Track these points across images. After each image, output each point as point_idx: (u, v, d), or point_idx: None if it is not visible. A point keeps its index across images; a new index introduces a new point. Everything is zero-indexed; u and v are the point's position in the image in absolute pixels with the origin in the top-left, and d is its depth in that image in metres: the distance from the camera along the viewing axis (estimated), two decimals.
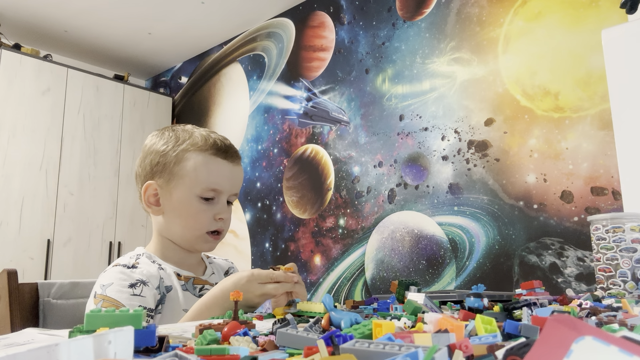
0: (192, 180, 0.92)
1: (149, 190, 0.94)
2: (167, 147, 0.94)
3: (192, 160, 0.92)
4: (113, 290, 0.84)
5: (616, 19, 1.85)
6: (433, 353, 0.27)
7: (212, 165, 0.93)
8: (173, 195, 0.93)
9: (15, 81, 3.11)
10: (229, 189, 0.95)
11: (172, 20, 3.35)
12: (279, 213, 3.01)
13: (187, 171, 0.92)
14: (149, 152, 0.96)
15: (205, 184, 0.92)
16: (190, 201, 0.92)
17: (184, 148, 0.93)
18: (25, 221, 3.03)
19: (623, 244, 0.95)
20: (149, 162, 0.95)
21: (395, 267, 2.41)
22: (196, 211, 0.92)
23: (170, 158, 0.93)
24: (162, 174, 0.93)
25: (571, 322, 0.23)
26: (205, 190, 0.92)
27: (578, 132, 1.92)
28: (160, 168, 0.94)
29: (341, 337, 0.37)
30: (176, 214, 0.93)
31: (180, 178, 0.92)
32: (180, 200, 0.92)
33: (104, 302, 0.83)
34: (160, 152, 0.94)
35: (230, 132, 3.45)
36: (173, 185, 0.93)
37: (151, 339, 0.39)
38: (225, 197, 0.96)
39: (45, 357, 0.28)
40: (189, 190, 0.92)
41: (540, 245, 1.95)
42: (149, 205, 0.95)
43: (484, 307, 0.59)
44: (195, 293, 0.95)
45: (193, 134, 0.96)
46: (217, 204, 0.94)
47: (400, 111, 2.51)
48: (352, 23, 2.83)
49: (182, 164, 0.92)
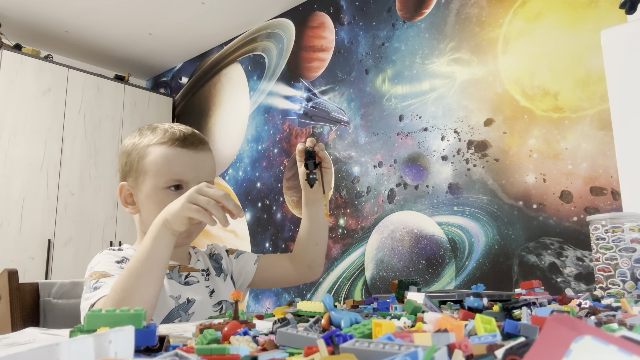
0: (154, 173, 0.93)
1: (123, 191, 0.97)
2: (131, 147, 0.97)
3: (152, 154, 0.94)
4: (100, 266, 0.87)
5: (615, 19, 1.85)
6: (433, 352, 0.27)
7: (171, 156, 0.93)
8: (142, 191, 0.94)
9: (16, 81, 3.11)
10: (194, 176, 0.94)
11: (172, 21, 3.35)
12: (279, 213, 3.01)
13: (149, 166, 0.93)
14: (120, 154, 0.99)
15: (167, 175, 0.92)
16: (158, 194, 0.93)
17: (145, 144, 0.95)
18: (26, 221, 3.03)
19: (622, 244, 0.95)
20: (121, 164, 0.98)
21: (395, 267, 2.41)
22: (164, 202, 0.91)
23: (134, 156, 0.95)
24: (130, 173, 0.96)
25: (570, 321, 0.23)
26: (169, 181, 0.93)
27: (577, 132, 1.92)
28: (128, 168, 0.96)
29: (341, 336, 0.37)
30: (149, 209, 0.94)
31: (145, 174, 0.94)
32: (148, 195, 0.93)
33: (92, 275, 0.84)
34: (126, 152, 0.97)
35: (231, 132, 3.45)
36: (140, 181, 0.94)
37: (152, 339, 0.39)
38: (193, 186, 0.96)
39: (45, 356, 0.28)
40: (154, 184, 0.93)
41: (540, 245, 1.95)
42: (126, 205, 0.98)
43: (484, 306, 0.59)
44: (180, 281, 0.97)
45: (155, 130, 0.97)
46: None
47: (400, 111, 2.51)
48: (352, 23, 2.83)
49: (145, 160, 0.94)
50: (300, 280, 1.09)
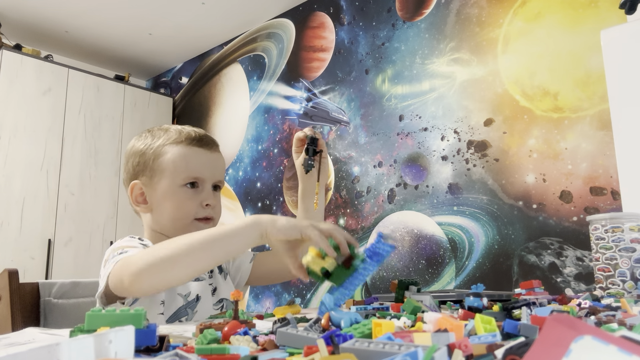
0: (172, 171, 0.94)
1: (135, 190, 0.97)
2: (145, 146, 0.97)
3: (169, 153, 0.95)
4: (123, 242, 0.87)
5: (615, 19, 1.85)
6: (433, 352, 0.27)
7: (189, 155, 0.96)
8: (157, 189, 0.95)
9: (16, 81, 3.11)
10: (210, 175, 0.97)
11: (172, 21, 3.35)
12: (279, 213, 3.01)
13: (166, 164, 0.94)
14: (130, 154, 0.99)
15: (185, 173, 0.94)
16: (174, 191, 0.94)
17: (161, 143, 0.96)
18: (26, 221, 3.03)
19: (622, 244, 0.95)
20: (131, 164, 0.98)
21: (395, 267, 2.41)
22: (181, 200, 0.94)
23: (149, 156, 0.96)
24: (144, 172, 0.96)
25: (570, 321, 0.23)
26: (187, 179, 0.94)
27: (577, 132, 1.92)
28: (142, 167, 0.97)
29: (341, 336, 0.37)
30: (163, 207, 0.95)
31: (161, 172, 0.95)
32: (164, 193, 0.94)
33: (115, 250, 0.83)
34: (139, 152, 0.98)
35: (231, 132, 3.45)
36: (156, 180, 0.95)
37: (152, 339, 0.39)
38: (208, 185, 0.97)
39: (46, 356, 0.28)
40: (171, 182, 0.94)
41: (540, 245, 1.95)
42: (137, 204, 0.98)
43: (484, 306, 0.59)
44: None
45: (168, 130, 0.99)
46: (202, 191, 0.96)
47: (400, 111, 2.51)
48: (352, 24, 2.83)
49: (161, 158, 0.95)
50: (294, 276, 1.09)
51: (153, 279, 0.70)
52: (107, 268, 0.79)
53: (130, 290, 0.72)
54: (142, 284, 0.70)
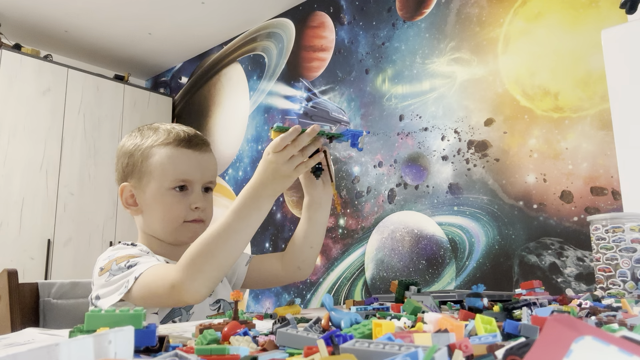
0: (160, 174, 0.93)
1: (124, 191, 0.96)
2: (134, 147, 0.96)
3: (157, 155, 0.93)
4: (121, 252, 0.87)
5: (616, 19, 1.85)
6: (433, 353, 0.27)
7: (177, 157, 0.94)
8: (146, 192, 0.94)
9: (16, 81, 3.11)
10: (199, 177, 0.95)
11: (172, 21, 3.35)
12: (279, 213, 3.01)
13: (154, 166, 0.93)
14: (119, 155, 0.98)
15: (173, 176, 0.93)
16: (163, 194, 0.93)
17: (149, 145, 0.94)
18: (25, 221, 3.03)
19: (623, 244, 0.95)
20: (121, 165, 0.97)
21: (395, 267, 2.41)
22: (170, 203, 0.93)
23: (137, 157, 0.95)
24: (133, 174, 0.95)
25: (571, 322, 0.23)
26: (175, 182, 0.93)
27: (578, 132, 1.92)
28: (131, 168, 0.95)
29: (341, 336, 0.37)
30: (153, 210, 0.94)
31: (150, 174, 0.93)
32: (153, 196, 0.93)
33: (117, 259, 0.83)
34: (128, 153, 0.96)
35: (231, 132, 3.45)
36: (144, 182, 0.94)
37: (151, 339, 0.39)
38: (198, 186, 0.96)
39: (45, 357, 0.28)
40: (160, 185, 0.93)
41: (540, 245, 1.95)
42: (128, 206, 0.97)
43: (484, 307, 0.59)
44: None
45: (157, 130, 0.97)
46: (191, 193, 0.95)
47: (400, 111, 2.51)
48: (352, 23, 2.83)
49: (149, 160, 0.93)
50: (288, 280, 1.08)
51: (205, 273, 0.73)
52: (117, 282, 0.80)
53: (184, 296, 0.73)
54: (195, 283, 0.73)
